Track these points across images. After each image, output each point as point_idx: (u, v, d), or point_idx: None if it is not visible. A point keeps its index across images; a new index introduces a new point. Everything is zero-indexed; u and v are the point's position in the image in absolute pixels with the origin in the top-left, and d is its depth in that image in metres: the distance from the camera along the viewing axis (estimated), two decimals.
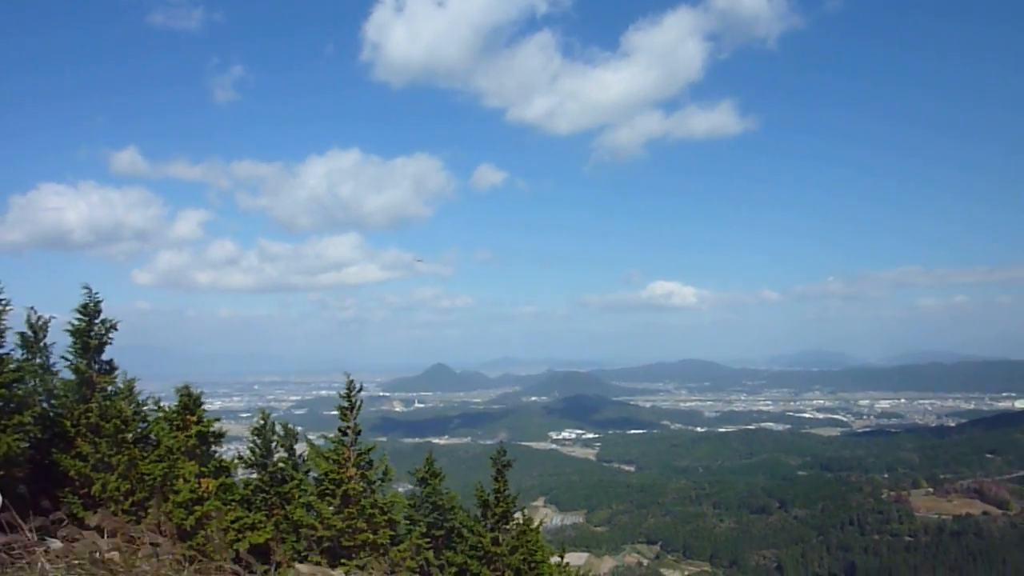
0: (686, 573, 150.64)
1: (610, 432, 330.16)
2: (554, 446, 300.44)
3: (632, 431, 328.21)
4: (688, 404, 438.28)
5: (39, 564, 5.79)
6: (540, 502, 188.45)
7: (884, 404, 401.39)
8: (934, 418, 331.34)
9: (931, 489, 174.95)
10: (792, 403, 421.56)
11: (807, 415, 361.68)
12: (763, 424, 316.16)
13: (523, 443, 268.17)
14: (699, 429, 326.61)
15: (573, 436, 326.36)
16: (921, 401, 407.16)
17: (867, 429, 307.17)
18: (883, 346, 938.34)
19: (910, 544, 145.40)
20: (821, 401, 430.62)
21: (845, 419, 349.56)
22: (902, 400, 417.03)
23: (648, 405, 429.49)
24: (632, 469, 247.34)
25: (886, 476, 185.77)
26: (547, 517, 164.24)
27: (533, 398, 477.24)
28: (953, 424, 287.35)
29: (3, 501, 6.68)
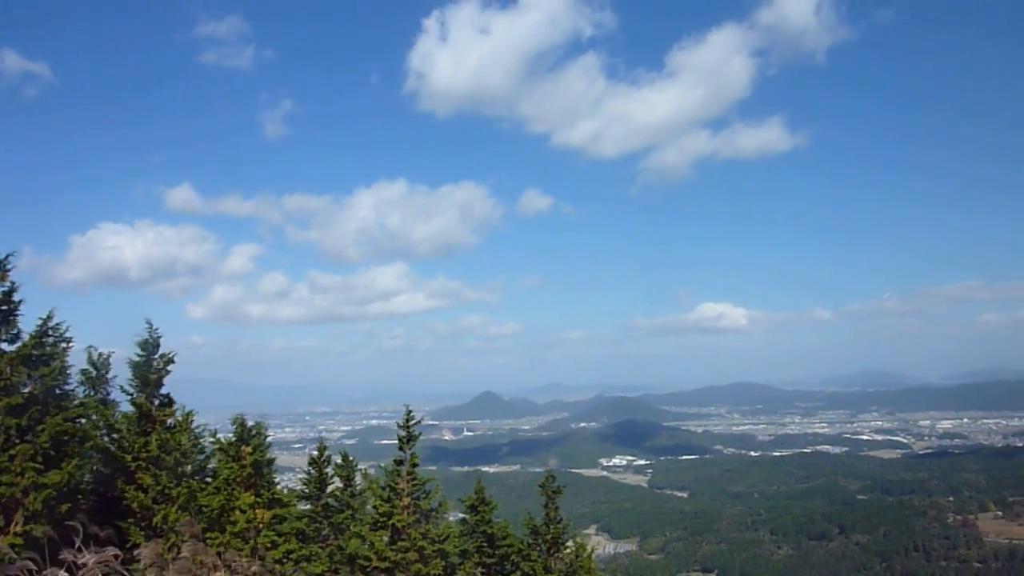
0: None
1: (662, 458, 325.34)
2: (605, 473, 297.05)
3: (684, 456, 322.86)
4: (741, 428, 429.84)
5: None
6: (592, 530, 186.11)
7: (946, 424, 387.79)
8: (1000, 438, 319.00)
9: (1000, 512, 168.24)
10: (849, 425, 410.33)
11: (865, 437, 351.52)
12: (819, 447, 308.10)
13: (573, 470, 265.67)
14: (753, 453, 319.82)
15: (624, 462, 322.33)
16: (985, 421, 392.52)
17: (929, 451, 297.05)
18: (943, 364, 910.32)
19: (980, 571, 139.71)
20: (879, 422, 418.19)
21: (905, 440, 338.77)
22: (965, 420, 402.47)
23: (700, 430, 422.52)
24: (685, 495, 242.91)
25: (951, 499, 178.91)
26: (599, 545, 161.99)
27: (582, 424, 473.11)
28: (1021, 444, 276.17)
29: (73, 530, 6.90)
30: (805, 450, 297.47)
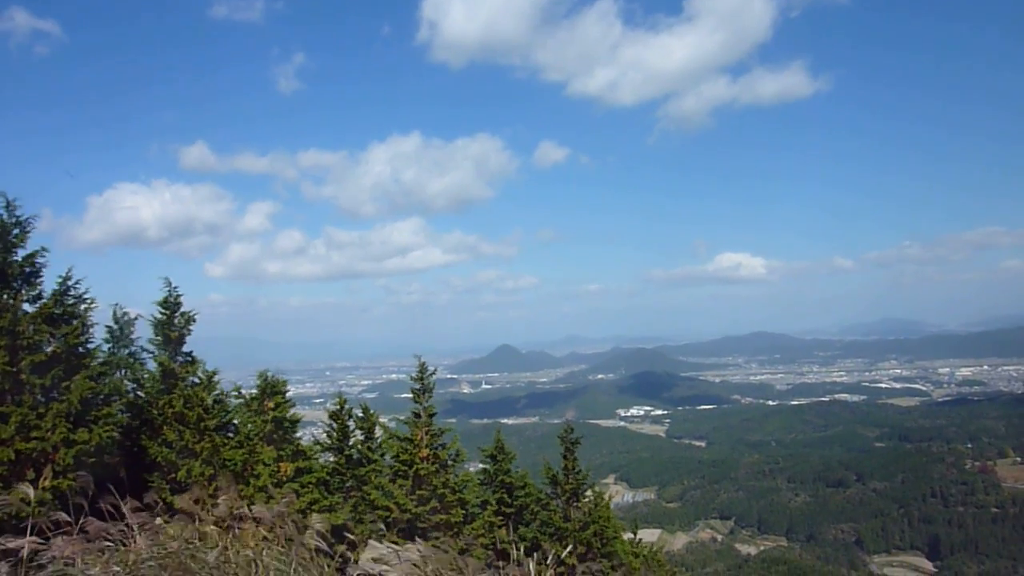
0: (761, 548, 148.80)
1: (679, 408, 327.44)
2: (623, 423, 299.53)
3: (702, 406, 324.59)
4: (759, 378, 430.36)
5: (137, 545, 6.14)
6: (611, 479, 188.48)
7: (965, 372, 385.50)
8: (1020, 385, 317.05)
9: (1018, 459, 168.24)
10: (867, 373, 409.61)
11: (883, 385, 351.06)
12: (837, 396, 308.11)
13: (591, 421, 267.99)
14: (771, 403, 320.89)
15: (642, 413, 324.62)
16: (1006, 368, 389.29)
17: (948, 398, 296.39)
18: (964, 311, 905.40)
19: (997, 516, 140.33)
20: (898, 371, 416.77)
21: (924, 388, 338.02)
22: (985, 367, 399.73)
23: (717, 380, 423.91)
24: (703, 445, 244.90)
25: (969, 446, 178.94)
26: (618, 494, 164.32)
27: (600, 376, 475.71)
28: None
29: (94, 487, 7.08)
30: (823, 399, 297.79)
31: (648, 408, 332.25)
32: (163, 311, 17.32)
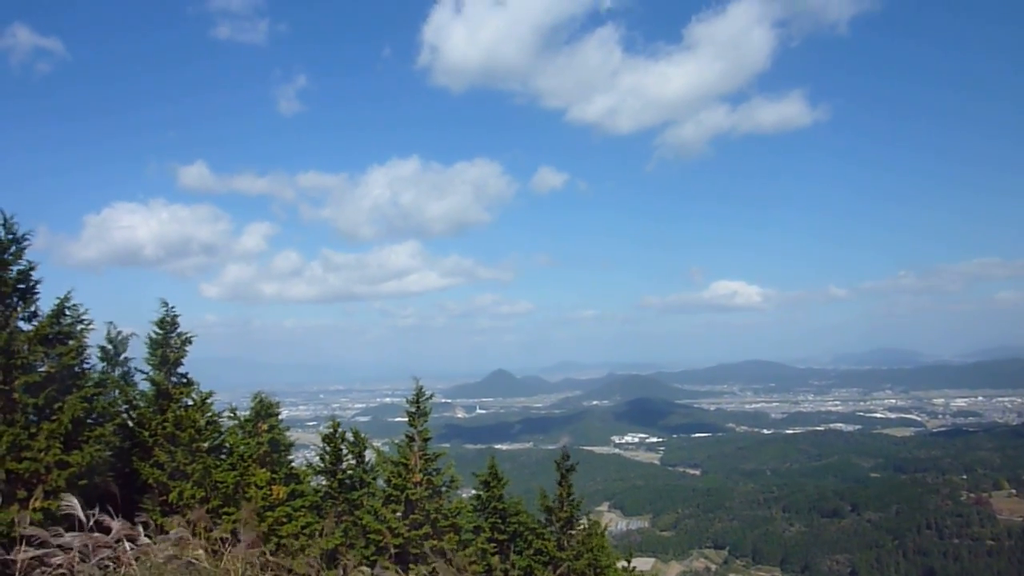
0: None
1: (674, 436, 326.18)
2: (617, 450, 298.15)
3: (696, 434, 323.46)
4: (753, 406, 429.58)
5: (128, 564, 6.09)
6: (604, 507, 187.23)
7: (960, 402, 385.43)
8: (1015, 416, 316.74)
9: (1014, 491, 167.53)
10: (862, 403, 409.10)
11: (878, 415, 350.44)
12: (832, 425, 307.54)
13: (585, 448, 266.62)
14: (765, 431, 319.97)
15: (636, 440, 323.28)
16: (1001, 399, 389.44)
17: (943, 429, 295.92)
18: (959, 342, 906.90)
19: (992, 548, 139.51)
20: (893, 400, 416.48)
21: (919, 419, 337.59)
22: (980, 398, 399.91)
23: (712, 408, 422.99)
24: (697, 473, 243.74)
25: (964, 477, 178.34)
26: (612, 522, 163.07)
27: (595, 402, 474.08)
28: None
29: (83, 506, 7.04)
30: (818, 428, 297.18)
31: (643, 435, 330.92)
32: (159, 331, 17.26)
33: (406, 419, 20.14)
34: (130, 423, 16.65)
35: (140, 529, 7.53)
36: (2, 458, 11.91)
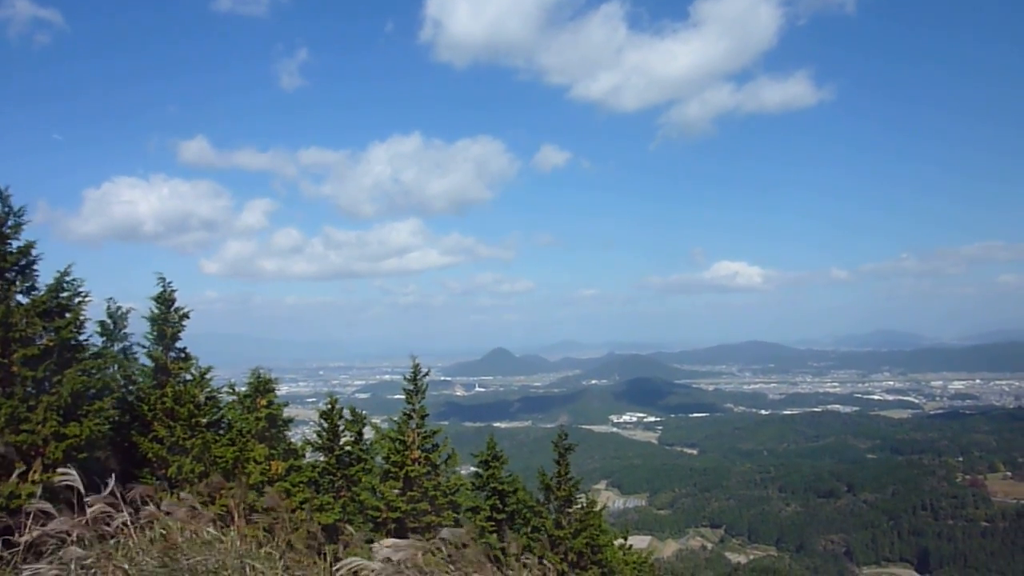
0: (751, 557, 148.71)
1: (672, 415, 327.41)
2: (615, 429, 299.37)
3: (695, 414, 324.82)
4: (752, 386, 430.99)
5: (131, 537, 6.09)
6: (602, 485, 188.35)
7: (958, 385, 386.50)
8: (1012, 399, 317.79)
9: (1009, 473, 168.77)
10: (860, 385, 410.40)
11: (876, 397, 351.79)
12: (830, 406, 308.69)
13: (584, 426, 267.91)
14: (763, 412, 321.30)
15: (635, 419, 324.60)
16: (998, 382, 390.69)
17: (940, 411, 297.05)
18: (959, 325, 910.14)
19: (987, 530, 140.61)
20: (891, 382, 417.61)
21: (916, 401, 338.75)
22: (977, 381, 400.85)
23: (711, 388, 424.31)
24: (695, 452, 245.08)
25: (960, 460, 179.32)
26: (609, 500, 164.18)
27: (594, 381, 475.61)
28: None
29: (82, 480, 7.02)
30: (815, 409, 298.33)
31: (641, 415, 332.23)
32: (157, 306, 17.23)
33: (404, 396, 20.19)
34: (129, 398, 16.68)
35: (140, 502, 7.53)
36: (1, 430, 11.92)
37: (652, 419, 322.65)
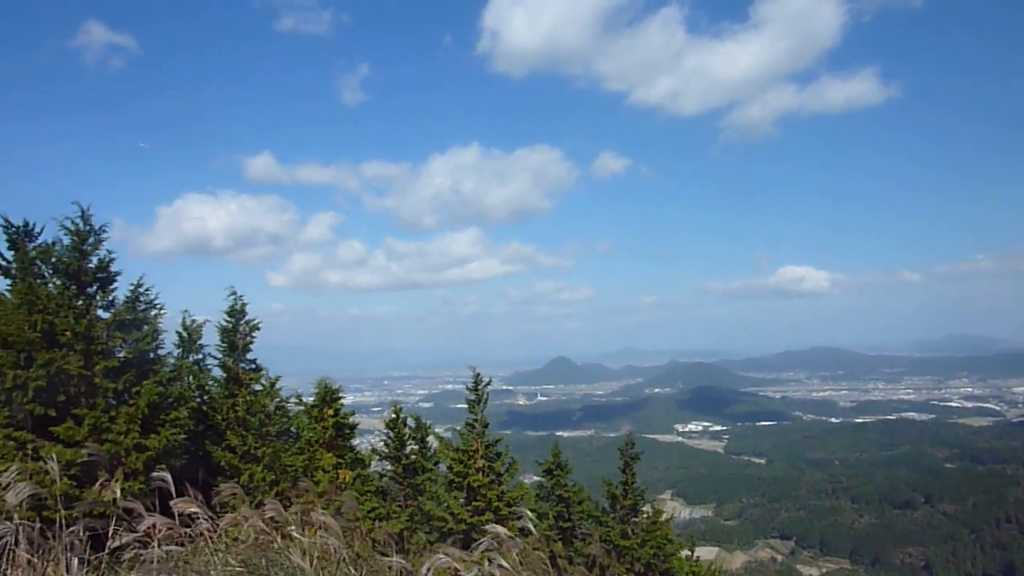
0: (824, 570, 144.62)
1: (738, 424, 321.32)
2: (680, 439, 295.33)
3: (761, 423, 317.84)
4: (821, 394, 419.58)
5: (210, 544, 6.27)
6: (667, 495, 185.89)
7: None
8: None
9: None
10: (936, 391, 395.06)
11: (954, 404, 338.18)
12: (904, 414, 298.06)
13: (648, 435, 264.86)
14: (833, 420, 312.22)
15: (699, 428, 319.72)
16: None
17: (1023, 418, 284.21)
18: None
19: None
20: (969, 389, 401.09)
21: (997, 408, 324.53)
22: None
23: (778, 396, 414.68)
24: (762, 462, 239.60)
25: None
26: (675, 510, 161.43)
27: (656, 390, 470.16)
28: None
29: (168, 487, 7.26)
30: (889, 417, 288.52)
31: (706, 423, 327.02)
32: (229, 319, 17.75)
33: (467, 406, 20.28)
34: (203, 408, 17.19)
35: (219, 508, 7.76)
36: (84, 440, 12.42)
37: (718, 428, 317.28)
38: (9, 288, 13.73)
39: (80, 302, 13.59)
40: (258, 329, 17.89)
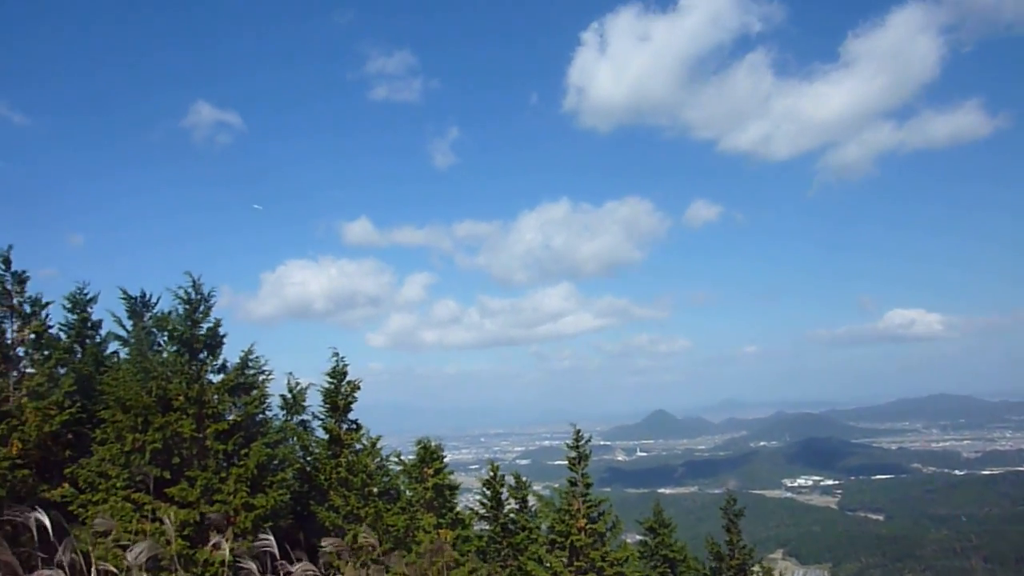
0: None
1: (852, 478, 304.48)
2: (789, 494, 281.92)
3: (877, 476, 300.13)
4: (941, 444, 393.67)
5: None
6: (778, 554, 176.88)
7: None
8: None
9: None
10: None
11: None
12: None
13: (755, 491, 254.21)
14: (957, 472, 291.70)
15: (810, 483, 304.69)
16: None
17: None
18: None
19: None
20: None
21: None
22: None
23: (894, 447, 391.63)
24: (881, 518, 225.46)
25: None
26: (787, 570, 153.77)
27: (762, 443, 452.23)
28: None
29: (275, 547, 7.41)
30: (1020, 468, 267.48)
31: (817, 478, 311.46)
32: (331, 380, 18.25)
33: (566, 462, 20.00)
34: (307, 468, 17.61)
35: (327, 568, 7.85)
36: (197, 501, 12.90)
37: (830, 482, 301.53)
38: (128, 356, 14.60)
39: (192, 367, 14.30)
40: (358, 389, 18.32)
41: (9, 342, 15.34)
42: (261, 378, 14.88)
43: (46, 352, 15.68)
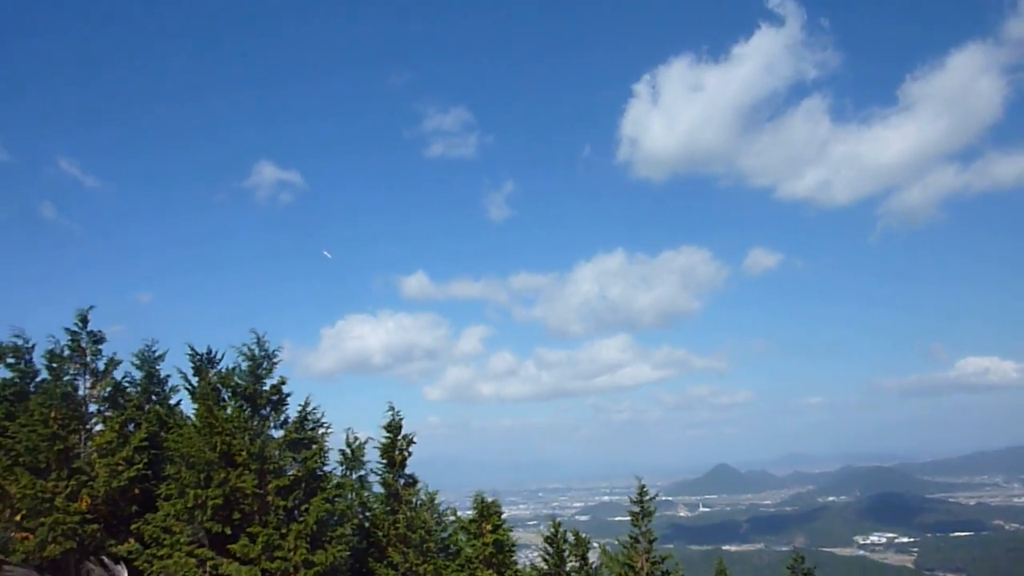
0: None
1: (928, 535, 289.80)
2: (862, 552, 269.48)
3: (955, 533, 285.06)
4: (1023, 499, 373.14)
5: None
6: None
7: None
8: None
9: None
10: None
11: None
12: None
13: (825, 549, 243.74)
14: None
15: (883, 540, 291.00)
16: None
17: None
18: None
19: None
20: None
21: None
22: None
23: (972, 502, 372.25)
24: None
25: None
26: None
27: (830, 498, 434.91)
28: None
29: None
30: None
31: (891, 535, 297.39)
32: (387, 435, 18.33)
33: (627, 518, 19.57)
34: (365, 524, 17.58)
35: None
36: (258, 557, 12.95)
37: (904, 540, 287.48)
38: (195, 412, 14.93)
39: (255, 423, 14.53)
40: (413, 443, 18.35)
41: (81, 399, 15.87)
42: (320, 432, 15.04)
43: (117, 409, 16.17)
